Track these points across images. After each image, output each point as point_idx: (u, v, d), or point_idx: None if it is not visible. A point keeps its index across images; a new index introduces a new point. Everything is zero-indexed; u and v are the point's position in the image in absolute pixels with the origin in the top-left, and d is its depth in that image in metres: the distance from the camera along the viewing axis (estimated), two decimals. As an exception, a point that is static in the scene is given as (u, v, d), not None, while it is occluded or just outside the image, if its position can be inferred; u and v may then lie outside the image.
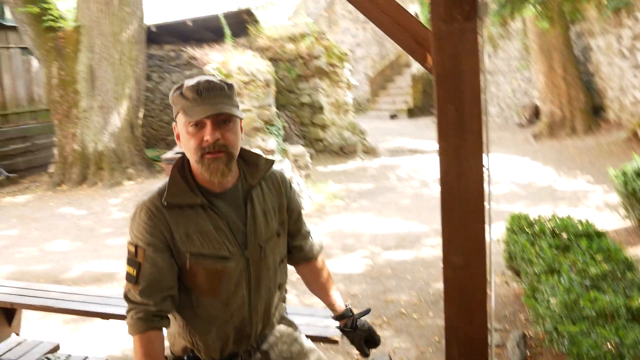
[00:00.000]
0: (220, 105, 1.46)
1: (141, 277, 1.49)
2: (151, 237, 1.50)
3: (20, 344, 2.91)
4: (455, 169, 2.03)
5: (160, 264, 1.50)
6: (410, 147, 11.91)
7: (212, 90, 1.46)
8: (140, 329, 1.49)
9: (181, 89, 1.49)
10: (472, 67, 1.87)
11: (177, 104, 1.49)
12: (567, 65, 10.94)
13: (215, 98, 1.46)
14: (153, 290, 1.49)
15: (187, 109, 1.45)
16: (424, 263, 5.04)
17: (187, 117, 1.46)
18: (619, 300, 2.69)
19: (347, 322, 1.89)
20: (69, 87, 9.91)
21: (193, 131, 1.46)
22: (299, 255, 1.85)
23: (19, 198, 9.47)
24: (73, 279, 5.26)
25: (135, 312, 1.49)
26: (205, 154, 1.46)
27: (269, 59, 10.79)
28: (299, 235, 1.83)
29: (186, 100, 1.46)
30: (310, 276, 1.92)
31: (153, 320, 1.50)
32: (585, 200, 6.67)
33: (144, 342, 1.49)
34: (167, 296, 1.51)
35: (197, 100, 1.45)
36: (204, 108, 1.44)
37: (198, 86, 1.46)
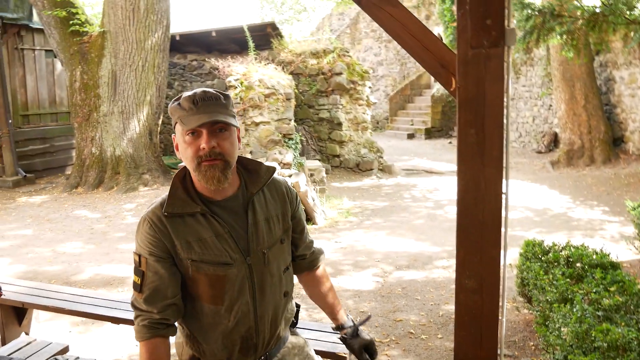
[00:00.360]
0: (215, 114, 1.50)
1: (145, 286, 1.54)
2: (153, 247, 1.54)
3: (29, 343, 2.93)
4: (474, 193, 2.04)
5: (162, 273, 1.54)
6: (427, 168, 11.90)
7: (207, 99, 1.51)
8: (145, 335, 1.53)
9: (179, 100, 1.53)
10: (496, 93, 1.89)
11: (175, 114, 1.54)
12: (589, 95, 10.90)
13: (211, 107, 1.50)
14: (156, 299, 1.53)
15: (183, 119, 1.50)
16: (434, 284, 5.01)
17: (183, 126, 1.50)
18: (631, 333, 2.65)
19: (348, 330, 1.89)
20: (91, 91, 10.08)
21: (190, 140, 1.51)
22: (302, 264, 1.87)
23: (34, 198, 9.61)
24: (84, 282, 5.31)
25: (141, 319, 1.55)
26: (202, 162, 1.50)
27: (291, 73, 10.90)
28: (304, 245, 1.85)
29: (183, 110, 1.51)
30: (312, 285, 1.93)
31: (158, 328, 1.54)
32: (601, 231, 6.60)
33: (149, 349, 1.53)
34: (171, 304, 1.55)
35: (193, 109, 1.49)
36: (200, 117, 1.48)
37: (194, 96, 1.51)
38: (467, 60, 1.93)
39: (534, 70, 13.59)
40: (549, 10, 5.60)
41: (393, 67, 20.51)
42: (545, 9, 5.69)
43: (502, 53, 1.94)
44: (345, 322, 1.91)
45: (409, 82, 18.97)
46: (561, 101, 11.33)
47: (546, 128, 13.28)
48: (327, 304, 1.93)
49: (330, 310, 1.93)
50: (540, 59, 13.16)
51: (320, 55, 11.56)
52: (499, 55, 1.92)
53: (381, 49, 20.83)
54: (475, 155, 1.98)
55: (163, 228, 1.54)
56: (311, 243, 1.89)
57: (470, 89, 1.95)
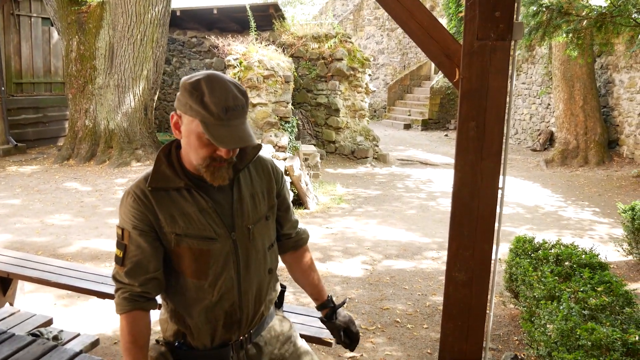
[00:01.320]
0: (244, 132, 1.43)
1: (127, 259, 1.54)
2: (136, 220, 1.53)
3: (13, 314, 2.91)
4: (470, 187, 2.03)
5: (144, 246, 1.53)
6: (422, 159, 11.90)
7: (236, 109, 1.42)
8: (125, 308, 1.54)
9: (201, 94, 1.41)
10: (500, 86, 1.87)
11: (194, 111, 1.42)
12: (587, 96, 10.92)
13: (239, 119, 1.43)
14: (138, 272, 1.53)
15: (210, 126, 1.41)
16: (423, 274, 5.03)
17: (209, 135, 1.41)
18: (616, 333, 2.67)
19: (328, 311, 1.92)
20: (87, 62, 9.95)
21: (207, 142, 1.45)
22: (287, 244, 1.87)
23: (25, 168, 9.52)
24: (72, 254, 5.28)
25: (122, 292, 1.55)
26: (212, 163, 1.49)
27: (291, 56, 10.82)
28: (289, 224, 1.85)
29: (208, 114, 1.40)
30: (296, 265, 1.93)
31: (138, 300, 1.54)
32: (590, 231, 6.64)
33: (129, 322, 1.53)
34: (152, 278, 1.55)
35: (222, 119, 1.40)
36: (231, 135, 1.41)
37: (225, 103, 1.41)
38: (473, 52, 1.90)
39: (535, 68, 13.57)
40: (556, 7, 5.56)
41: (394, 56, 20.42)
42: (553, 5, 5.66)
43: (508, 46, 1.91)
44: (326, 303, 1.93)
45: (409, 72, 18.89)
46: (560, 100, 11.34)
47: (543, 126, 13.30)
48: (310, 284, 1.94)
49: (312, 290, 1.94)
50: (542, 57, 13.14)
51: (321, 40, 11.47)
52: (505, 49, 1.90)
53: (383, 37, 20.71)
54: (474, 149, 1.96)
55: (147, 202, 1.53)
56: (296, 223, 1.89)
57: (474, 80, 1.93)
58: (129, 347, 1.51)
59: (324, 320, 1.92)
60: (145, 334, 1.55)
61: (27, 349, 1.90)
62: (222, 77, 1.46)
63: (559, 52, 10.92)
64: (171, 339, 1.66)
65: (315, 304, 1.96)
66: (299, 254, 1.92)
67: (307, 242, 1.94)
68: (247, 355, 1.70)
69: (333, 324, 1.90)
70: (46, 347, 1.91)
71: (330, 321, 1.90)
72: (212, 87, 1.42)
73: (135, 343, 1.52)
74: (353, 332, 1.92)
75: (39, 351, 1.89)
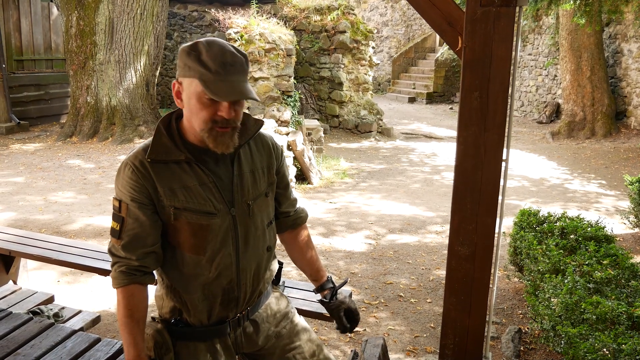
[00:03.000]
0: (244, 87, 1.41)
1: (124, 232, 1.50)
2: (135, 192, 1.49)
3: (14, 292, 2.91)
4: (473, 159, 1.98)
5: (142, 219, 1.49)
6: (426, 133, 11.80)
7: (234, 65, 1.41)
8: (123, 282, 1.51)
9: (198, 53, 1.40)
10: (504, 54, 1.80)
11: (193, 70, 1.40)
12: (595, 67, 10.72)
13: (238, 75, 1.41)
14: (135, 245, 1.50)
15: (209, 82, 1.38)
16: (427, 249, 5.01)
17: (208, 91, 1.39)
18: (621, 307, 2.65)
19: (327, 293, 1.85)
20: (87, 38, 9.83)
21: (208, 103, 1.42)
22: (285, 222, 1.82)
23: (28, 146, 9.50)
24: (75, 232, 5.28)
25: (118, 265, 1.52)
26: (215, 127, 1.44)
27: (293, 29, 10.65)
28: (287, 201, 1.81)
29: (207, 71, 1.39)
30: (294, 244, 1.88)
31: (135, 274, 1.51)
32: (597, 204, 6.59)
33: (126, 295, 1.51)
34: (150, 252, 1.52)
35: (220, 74, 1.39)
36: (230, 89, 1.39)
37: (223, 58, 1.39)
38: (476, 19, 1.83)
39: (542, 38, 13.33)
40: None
41: (398, 28, 20.10)
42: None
43: (513, 13, 1.84)
44: (325, 284, 1.87)
45: (414, 44, 18.61)
46: (566, 71, 11.15)
47: (549, 98, 13.13)
48: (308, 264, 1.88)
49: (311, 270, 1.89)
50: (549, 27, 12.89)
51: (324, 12, 11.27)
52: (510, 15, 1.83)
53: (387, 9, 20.36)
54: (477, 120, 1.90)
55: (146, 173, 1.49)
56: (295, 201, 1.84)
57: (477, 49, 1.86)
58: (126, 321, 1.49)
59: (324, 302, 1.85)
60: (142, 308, 1.53)
61: (24, 327, 1.89)
62: (220, 40, 1.45)
63: (567, 22, 10.69)
64: (167, 315, 1.64)
65: (314, 285, 1.90)
66: (297, 232, 1.87)
67: (305, 220, 1.89)
68: (244, 332, 1.68)
69: (333, 304, 1.83)
70: (43, 325, 1.90)
71: (330, 302, 1.83)
72: (209, 46, 1.41)
73: (132, 317, 1.50)
74: (353, 310, 1.85)
75: (36, 329, 1.87)
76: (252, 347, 1.72)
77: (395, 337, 3.45)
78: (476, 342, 2.31)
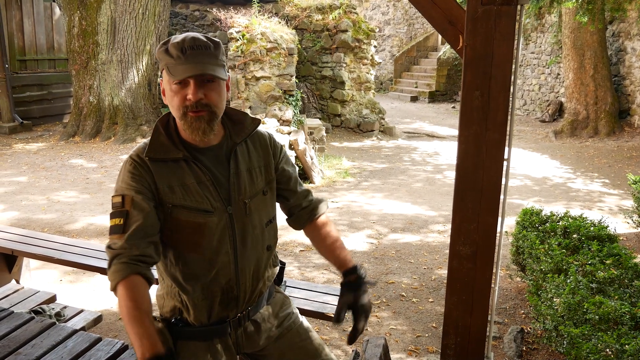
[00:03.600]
0: (204, 65, 1.44)
1: (129, 225, 1.46)
2: (138, 184, 1.50)
3: (17, 291, 2.91)
4: (474, 158, 1.97)
5: (147, 210, 1.49)
6: (428, 132, 11.78)
7: (196, 48, 1.44)
8: (124, 273, 1.42)
9: (167, 45, 1.46)
10: (505, 53, 1.79)
11: (162, 60, 1.47)
12: (598, 65, 10.68)
13: (199, 57, 1.44)
14: (139, 235, 1.45)
15: (170, 67, 1.44)
16: (429, 248, 5.00)
17: (170, 76, 1.44)
18: (624, 307, 2.63)
19: (352, 278, 1.69)
20: (89, 38, 9.84)
21: (176, 89, 1.46)
22: (302, 215, 1.78)
23: (31, 145, 9.52)
24: (77, 231, 5.29)
25: (119, 258, 1.44)
26: (188, 112, 1.46)
27: (294, 28, 10.64)
28: (296, 194, 1.78)
29: (170, 58, 1.44)
30: (317, 235, 1.80)
31: (137, 264, 1.44)
32: (600, 203, 6.57)
33: (129, 286, 1.41)
34: (151, 242, 1.48)
35: (180, 58, 1.43)
36: (187, 67, 1.42)
37: (183, 44, 1.44)
38: (477, 17, 1.82)
39: (544, 37, 13.29)
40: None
41: (400, 27, 20.06)
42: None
43: (514, 11, 1.83)
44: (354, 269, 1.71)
45: (416, 43, 18.58)
46: (569, 70, 11.11)
47: (552, 97, 13.09)
48: (334, 254, 1.77)
49: (337, 259, 1.76)
50: (552, 25, 12.85)
51: (326, 11, 11.25)
52: (511, 14, 1.82)
53: (389, 8, 20.32)
54: (478, 119, 1.90)
55: (147, 169, 1.51)
56: (306, 192, 1.81)
57: (478, 48, 1.85)
58: (134, 314, 1.37)
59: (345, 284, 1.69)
60: (147, 300, 1.44)
61: (25, 326, 1.89)
62: (193, 33, 1.49)
63: (569, 20, 10.65)
64: (168, 315, 1.64)
65: (340, 270, 1.74)
66: (317, 223, 1.80)
67: (323, 210, 1.82)
68: (245, 332, 1.68)
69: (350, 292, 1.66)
70: (44, 325, 1.90)
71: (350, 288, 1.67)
72: (176, 38, 1.46)
73: (139, 308, 1.38)
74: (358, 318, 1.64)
75: (37, 329, 1.87)
76: (254, 347, 1.71)
77: (396, 337, 3.45)
78: (478, 342, 2.30)
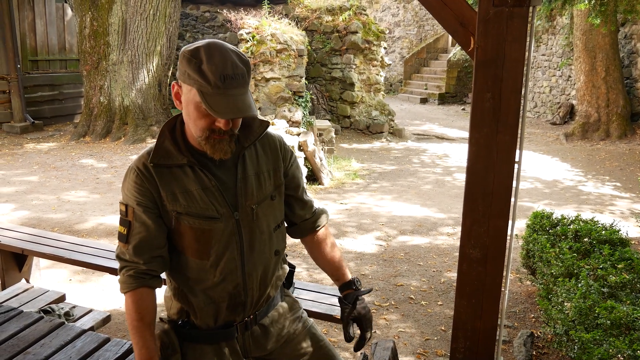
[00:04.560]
0: (242, 102, 1.37)
1: (131, 237, 1.51)
2: (140, 196, 1.49)
3: (26, 290, 2.92)
4: (485, 161, 1.95)
5: (149, 223, 1.49)
6: (438, 134, 11.73)
7: (235, 78, 1.36)
8: (132, 285, 1.51)
9: (199, 62, 1.35)
10: (517, 55, 1.78)
11: (192, 79, 1.37)
12: (610, 67, 10.58)
13: (238, 89, 1.36)
14: (143, 250, 1.50)
15: (207, 96, 1.35)
16: (438, 251, 4.97)
17: (206, 105, 1.35)
18: (636, 312, 2.60)
19: (348, 294, 1.77)
20: (101, 38, 9.90)
21: (206, 113, 1.39)
22: (304, 226, 1.79)
23: (42, 145, 9.59)
24: (87, 231, 5.32)
25: (126, 270, 1.52)
26: (212, 135, 1.43)
27: (304, 29, 10.64)
28: (301, 205, 1.76)
29: (206, 83, 1.34)
30: (316, 247, 1.83)
31: (144, 278, 1.52)
32: (611, 206, 6.50)
33: (135, 299, 1.51)
34: (157, 256, 1.52)
35: (219, 87, 1.34)
36: (228, 105, 1.35)
37: (224, 71, 1.34)
38: (488, 19, 1.81)
39: (555, 39, 13.20)
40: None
41: (410, 28, 20.02)
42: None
43: (526, 13, 1.81)
44: (349, 284, 1.79)
45: (426, 45, 18.52)
46: (581, 72, 11.02)
47: (563, 99, 12.99)
48: (331, 266, 1.82)
49: (334, 271, 1.82)
50: (563, 27, 12.76)
51: (336, 13, 11.25)
52: (523, 15, 1.80)
53: (399, 10, 20.29)
54: (489, 121, 1.88)
55: (150, 177, 1.49)
56: (311, 203, 1.80)
57: (489, 49, 1.83)
58: (137, 325, 1.49)
59: (342, 301, 1.77)
60: (151, 311, 1.53)
61: (34, 326, 1.90)
62: (222, 44, 1.40)
63: (581, 22, 10.57)
64: (175, 317, 1.64)
65: (336, 284, 1.83)
66: (318, 235, 1.81)
67: (324, 222, 1.83)
68: (253, 336, 1.67)
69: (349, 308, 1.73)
70: (53, 324, 1.91)
71: (347, 305, 1.74)
72: (210, 55, 1.36)
73: (142, 320, 1.50)
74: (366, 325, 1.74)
75: (46, 328, 1.88)
76: (261, 351, 1.70)
77: (405, 340, 3.43)
78: (487, 346, 2.28)
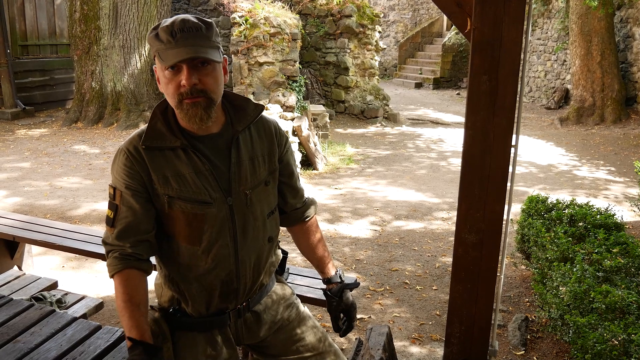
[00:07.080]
0: (195, 47, 1.36)
1: (117, 220, 1.47)
2: (129, 179, 1.46)
3: (18, 277, 2.89)
4: (481, 145, 1.92)
5: (136, 208, 1.46)
6: (433, 118, 11.70)
7: (187, 31, 1.36)
8: (117, 267, 1.45)
9: (157, 30, 1.39)
10: (514, 37, 1.74)
11: (153, 46, 1.40)
12: (605, 52, 10.53)
13: (190, 39, 1.36)
14: (128, 233, 1.46)
15: (161, 53, 1.37)
16: (433, 235, 4.97)
17: (162, 62, 1.37)
18: (631, 296, 2.60)
19: (333, 287, 1.81)
20: (91, 23, 9.76)
21: (170, 75, 1.38)
22: (293, 215, 1.77)
23: (34, 131, 9.49)
24: (80, 217, 5.27)
25: (112, 252, 1.47)
26: (183, 100, 1.39)
27: (298, 13, 10.53)
28: (293, 193, 1.74)
29: (160, 43, 1.37)
30: (303, 237, 1.83)
31: (130, 259, 1.46)
32: (605, 191, 6.51)
33: (122, 280, 1.45)
34: (143, 240, 1.48)
35: (171, 42, 1.35)
36: (178, 51, 1.35)
37: (172, 27, 1.36)
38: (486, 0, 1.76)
39: (551, 23, 13.13)
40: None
41: (405, 12, 19.85)
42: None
43: (524, -7, 1.77)
44: (333, 277, 1.83)
45: (421, 29, 18.39)
46: (576, 56, 10.98)
47: (558, 84, 12.96)
48: (317, 257, 1.84)
49: (319, 263, 1.84)
50: (559, 11, 12.68)
51: (330, -4, 11.13)
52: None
53: (394, -7, 20.10)
54: (486, 104, 1.84)
55: (140, 160, 1.45)
56: (302, 192, 1.78)
57: (487, 31, 1.79)
58: (125, 305, 1.42)
59: (328, 294, 1.80)
60: (141, 292, 1.46)
61: (24, 314, 1.87)
62: (185, 15, 1.42)
63: (577, 5, 10.50)
64: (166, 304, 1.60)
65: (321, 277, 1.86)
66: (306, 225, 1.81)
67: (313, 213, 1.82)
68: (245, 323, 1.65)
69: (335, 301, 1.78)
70: (43, 312, 1.88)
71: (333, 297, 1.78)
72: (165, 21, 1.38)
73: (131, 301, 1.42)
74: (352, 316, 1.80)
75: (36, 316, 1.85)
76: (254, 339, 1.68)
77: (400, 325, 3.43)
78: (482, 331, 2.27)
